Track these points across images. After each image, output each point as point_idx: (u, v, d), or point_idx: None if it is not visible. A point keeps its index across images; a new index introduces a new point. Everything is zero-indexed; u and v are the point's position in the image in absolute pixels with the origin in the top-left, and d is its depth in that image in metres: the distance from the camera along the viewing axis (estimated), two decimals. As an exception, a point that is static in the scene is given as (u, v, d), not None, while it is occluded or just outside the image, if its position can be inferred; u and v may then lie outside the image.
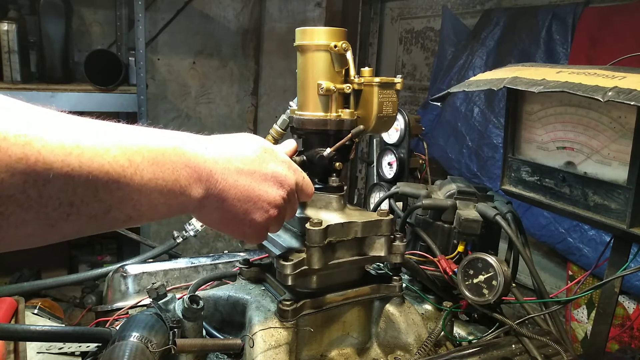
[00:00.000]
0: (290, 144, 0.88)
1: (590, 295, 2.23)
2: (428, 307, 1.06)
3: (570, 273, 2.44)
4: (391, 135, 1.48)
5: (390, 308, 0.95)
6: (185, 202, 0.62)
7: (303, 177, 0.77)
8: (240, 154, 0.68)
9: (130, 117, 3.08)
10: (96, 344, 1.05)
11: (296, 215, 0.88)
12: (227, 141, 0.70)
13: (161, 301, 0.86)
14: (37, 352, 1.06)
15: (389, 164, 1.50)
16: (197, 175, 0.62)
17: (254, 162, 0.69)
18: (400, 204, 1.34)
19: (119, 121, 0.57)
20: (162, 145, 0.58)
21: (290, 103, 1.27)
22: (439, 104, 1.27)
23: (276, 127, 1.38)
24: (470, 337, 1.00)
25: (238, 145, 0.70)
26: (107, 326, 1.05)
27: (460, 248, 1.03)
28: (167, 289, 0.91)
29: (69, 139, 0.48)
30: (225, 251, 1.39)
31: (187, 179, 0.60)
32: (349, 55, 0.88)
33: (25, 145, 0.45)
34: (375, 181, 1.56)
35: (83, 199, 0.50)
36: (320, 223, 0.83)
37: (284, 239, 0.92)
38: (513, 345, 0.88)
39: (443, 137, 2.86)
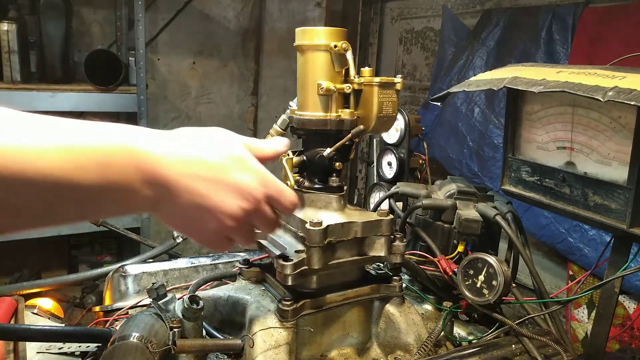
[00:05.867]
0: (278, 143, 0.74)
1: (591, 295, 2.23)
2: (428, 307, 1.06)
3: (570, 273, 2.44)
4: (391, 135, 1.48)
5: (390, 308, 0.95)
6: (136, 204, 0.59)
7: (279, 190, 0.68)
8: (204, 157, 0.62)
9: (130, 117, 3.08)
10: (96, 344, 1.05)
11: (296, 215, 0.88)
12: (193, 140, 0.64)
13: (161, 301, 0.86)
14: (37, 352, 1.06)
15: (389, 164, 1.50)
16: (148, 178, 0.58)
17: (216, 169, 0.62)
18: (400, 204, 1.34)
19: (118, 121, 0.58)
20: (111, 145, 0.55)
21: (290, 103, 1.27)
22: (439, 104, 1.27)
23: (276, 127, 1.37)
24: (470, 337, 1.00)
25: (204, 147, 0.63)
26: (107, 326, 1.05)
27: (460, 248, 1.03)
28: (167, 289, 0.91)
29: (10, 140, 0.48)
30: (225, 251, 1.38)
31: (137, 181, 0.57)
32: (349, 55, 0.88)
33: None
34: (375, 181, 1.56)
35: (27, 202, 0.50)
36: (320, 223, 0.83)
37: (284, 239, 0.91)
38: (513, 345, 0.88)
39: (444, 137, 2.86)
